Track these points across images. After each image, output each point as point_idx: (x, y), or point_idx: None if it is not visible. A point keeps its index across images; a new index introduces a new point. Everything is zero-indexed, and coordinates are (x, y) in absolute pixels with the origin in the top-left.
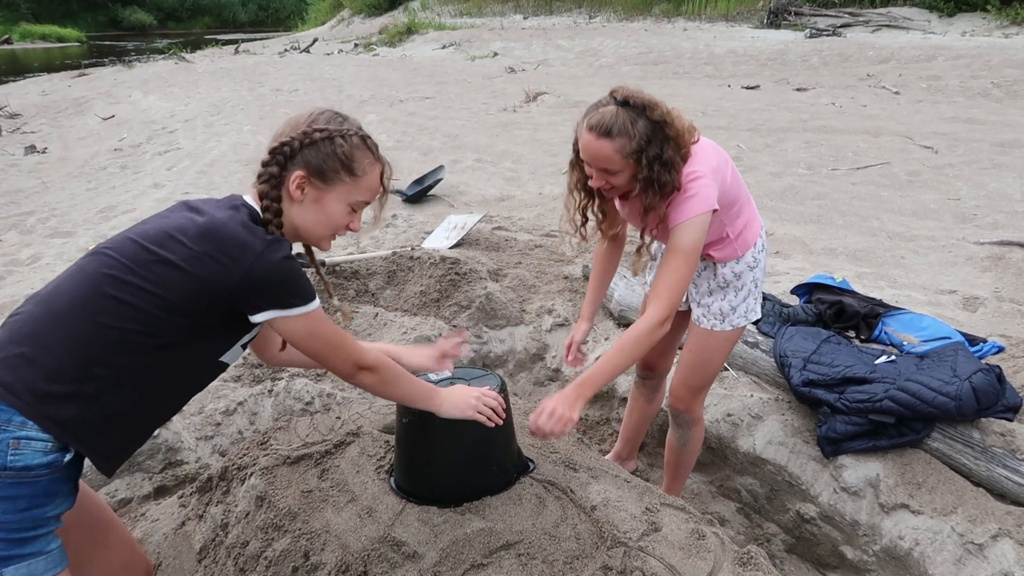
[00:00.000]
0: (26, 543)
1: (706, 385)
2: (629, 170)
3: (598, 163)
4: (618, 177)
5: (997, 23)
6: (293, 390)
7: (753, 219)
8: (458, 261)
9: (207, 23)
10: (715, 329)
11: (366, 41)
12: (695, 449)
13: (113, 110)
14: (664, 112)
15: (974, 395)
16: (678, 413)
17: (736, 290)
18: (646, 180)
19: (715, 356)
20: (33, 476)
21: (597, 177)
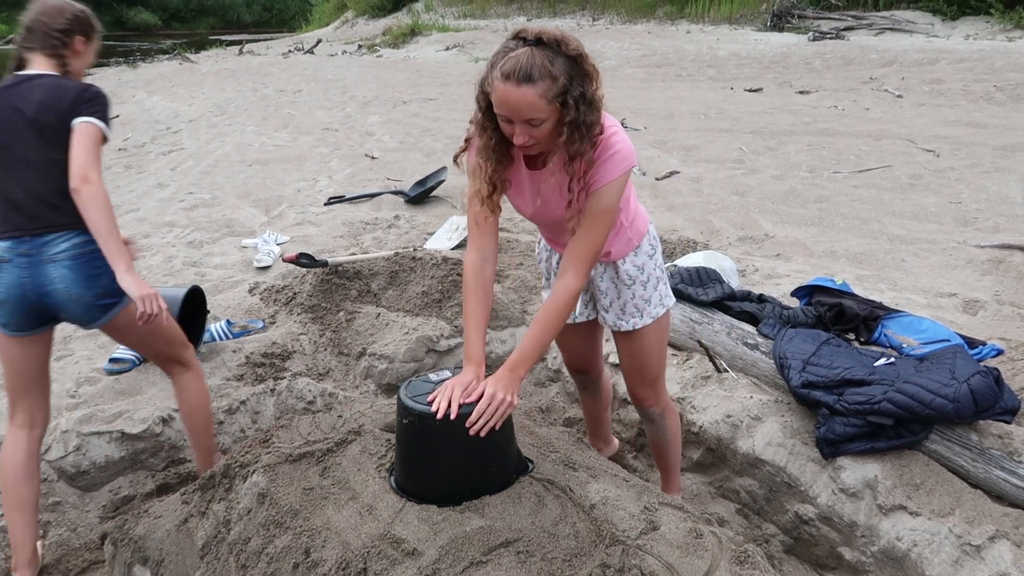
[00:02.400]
0: None
1: (659, 376)
2: (554, 116)
3: (521, 114)
4: (543, 127)
5: (1000, 27)
6: (295, 389)
7: (638, 206)
8: (460, 262)
9: (211, 24)
10: (637, 328)
11: (370, 42)
12: (676, 437)
13: (117, 110)
14: (578, 45)
15: (972, 397)
16: (646, 410)
17: (643, 283)
18: (573, 123)
19: (650, 351)
20: None
21: (520, 132)
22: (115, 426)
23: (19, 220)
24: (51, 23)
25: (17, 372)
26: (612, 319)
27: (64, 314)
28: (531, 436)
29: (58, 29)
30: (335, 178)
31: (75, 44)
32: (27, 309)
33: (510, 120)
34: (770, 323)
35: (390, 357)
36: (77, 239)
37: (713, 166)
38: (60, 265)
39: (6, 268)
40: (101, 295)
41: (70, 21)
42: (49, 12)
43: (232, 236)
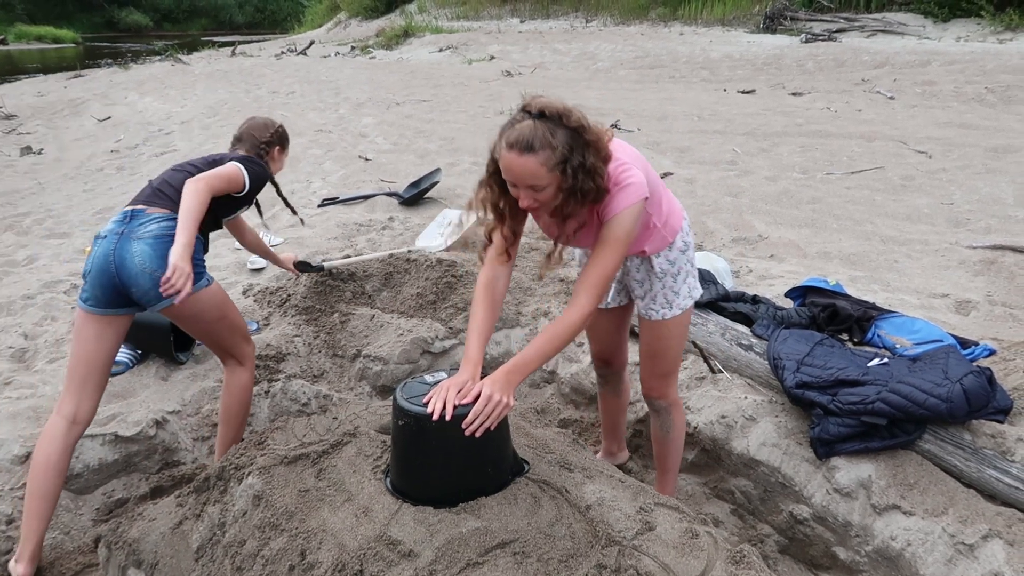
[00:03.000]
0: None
1: (674, 370)
2: (555, 183)
3: (524, 181)
4: (545, 192)
5: (991, 28)
6: (290, 391)
7: (672, 203)
8: (454, 263)
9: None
10: (665, 318)
11: (363, 44)
12: (679, 435)
13: (109, 111)
14: (579, 117)
15: (965, 397)
16: (653, 400)
17: (674, 276)
18: (569, 190)
19: (672, 342)
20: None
21: (524, 196)
22: (108, 428)
23: (146, 194)
24: (259, 136)
25: (85, 358)
26: (642, 307)
27: (135, 289)
28: (527, 437)
29: (263, 141)
30: (329, 180)
31: (273, 153)
32: (106, 281)
33: (515, 185)
34: (764, 324)
35: (385, 359)
36: (165, 223)
37: (706, 167)
38: (143, 242)
39: (101, 243)
40: None
41: (272, 135)
42: (257, 128)
43: (225, 237)
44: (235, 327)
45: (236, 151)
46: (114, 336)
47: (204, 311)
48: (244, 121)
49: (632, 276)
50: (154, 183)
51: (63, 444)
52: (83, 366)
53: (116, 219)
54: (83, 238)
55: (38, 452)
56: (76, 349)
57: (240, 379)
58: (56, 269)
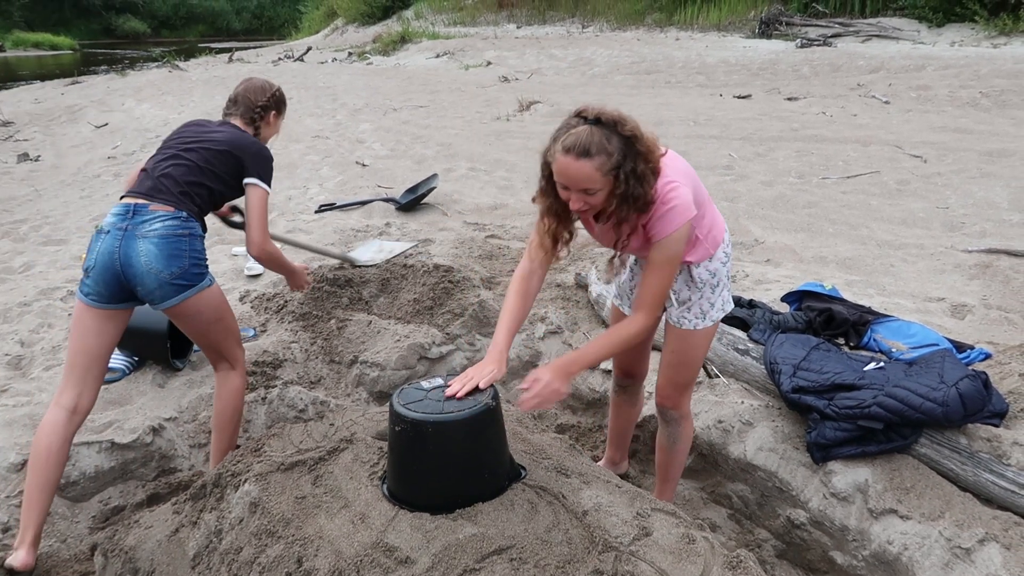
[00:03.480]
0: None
1: (691, 382)
2: (608, 187)
3: (578, 184)
4: (597, 196)
5: (986, 33)
6: (287, 398)
7: (716, 216)
8: (451, 269)
9: (201, 31)
10: (697, 328)
11: (360, 50)
12: (684, 448)
13: (106, 118)
14: (634, 127)
15: (960, 401)
16: (666, 410)
17: (712, 287)
18: (622, 196)
19: (697, 353)
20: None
21: (575, 199)
22: (105, 436)
23: (147, 187)
24: (255, 99)
25: (84, 349)
26: (676, 315)
27: (140, 288)
28: (523, 443)
29: (260, 105)
30: (326, 185)
31: (269, 117)
32: (110, 278)
33: (567, 188)
34: (760, 328)
35: (382, 365)
36: (171, 222)
37: (703, 172)
38: (148, 241)
39: (104, 238)
40: (177, 275)
41: (269, 99)
42: (254, 90)
43: (222, 244)
44: (230, 330)
45: (230, 115)
46: (115, 330)
47: (204, 311)
48: (241, 82)
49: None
50: (154, 173)
51: (64, 434)
52: (84, 358)
53: (117, 212)
54: (80, 245)
55: (37, 443)
56: (77, 342)
57: (232, 383)
58: (53, 276)
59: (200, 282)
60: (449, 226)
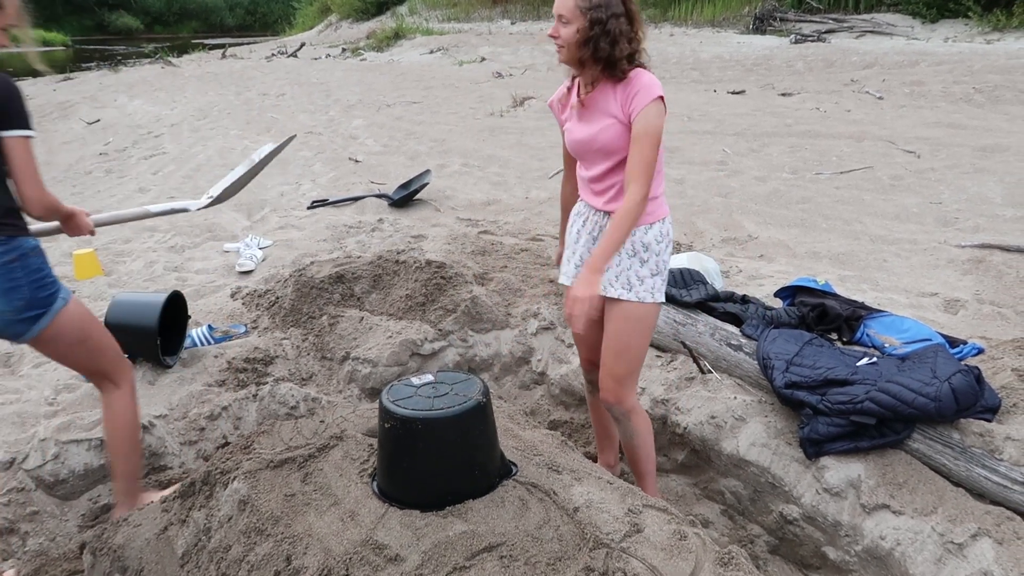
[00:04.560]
0: None
1: (632, 372)
2: (578, 23)
3: (557, 8)
4: (568, 28)
5: (979, 29)
6: (278, 394)
7: (664, 199)
8: (444, 265)
9: (194, 27)
10: (622, 298)
11: (354, 46)
12: (645, 441)
13: (99, 114)
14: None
15: (953, 396)
16: (611, 407)
17: (643, 262)
18: (585, 36)
19: (634, 338)
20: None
21: (554, 25)
22: (94, 433)
23: None
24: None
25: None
26: (604, 283)
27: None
28: (515, 440)
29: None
30: (318, 181)
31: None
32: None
33: (554, 17)
34: (753, 324)
35: (373, 361)
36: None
37: (696, 168)
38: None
39: None
40: (22, 308)
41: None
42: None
43: (214, 241)
44: (102, 346)
45: None
46: None
47: (64, 334)
48: None
49: None
50: None
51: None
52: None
53: None
54: (70, 242)
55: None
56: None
57: (119, 403)
58: None
59: (52, 305)
60: (442, 222)
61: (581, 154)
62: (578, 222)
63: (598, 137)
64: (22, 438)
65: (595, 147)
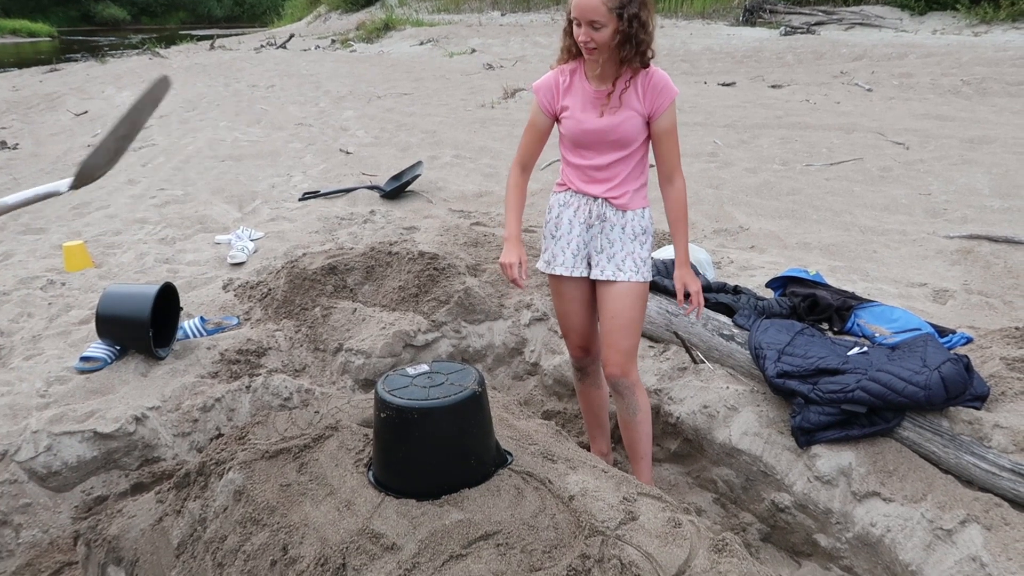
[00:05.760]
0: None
1: (634, 347)
2: (612, 24)
3: (586, 16)
4: (602, 32)
5: (967, 22)
6: (271, 386)
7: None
8: (436, 256)
9: (182, 18)
10: (632, 280)
11: (343, 37)
12: (646, 418)
13: (86, 106)
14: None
15: (943, 384)
16: (616, 380)
17: (642, 244)
18: (624, 34)
19: (635, 314)
20: None
21: (585, 32)
22: (87, 425)
23: None
24: None
25: None
26: (611, 270)
27: None
28: (510, 429)
29: None
30: (309, 173)
31: None
32: None
33: (580, 24)
34: (745, 314)
35: (367, 352)
36: None
37: (687, 159)
38: None
39: None
40: None
41: None
42: None
43: (205, 232)
44: None
45: None
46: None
47: None
48: None
49: (605, 235)
50: None
51: None
52: None
53: None
54: (60, 234)
55: None
56: None
57: None
58: (32, 265)
59: None
60: (434, 213)
61: (590, 143)
62: (567, 212)
63: (620, 127)
64: (14, 430)
65: (613, 137)
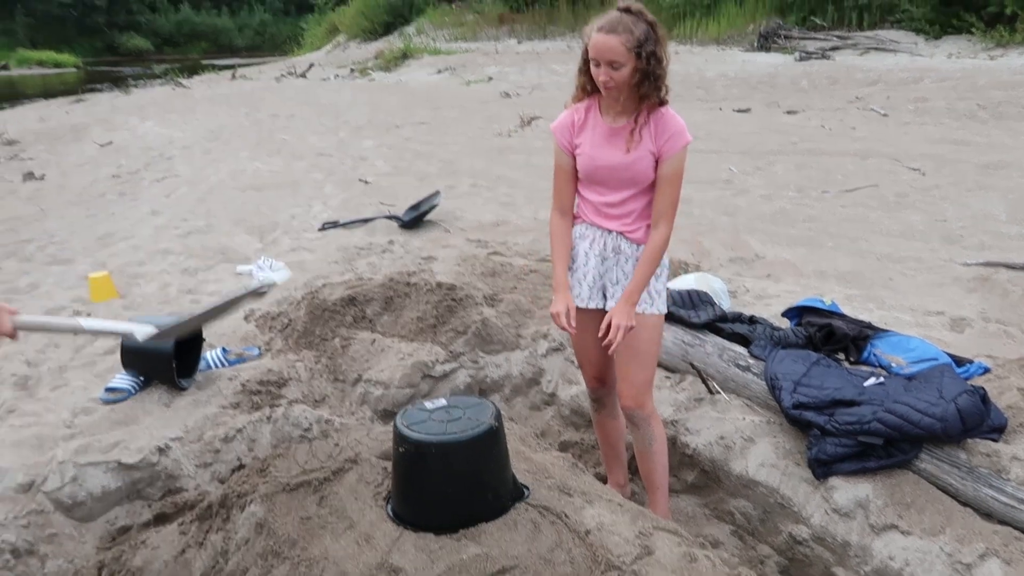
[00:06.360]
0: None
1: (651, 377)
2: (631, 63)
3: (605, 56)
4: (621, 71)
5: (982, 45)
6: (291, 416)
7: None
8: (454, 287)
9: (204, 48)
10: (647, 312)
11: (362, 66)
12: (662, 448)
13: (110, 136)
14: (653, 17)
15: (959, 416)
16: (632, 412)
17: (656, 276)
18: (643, 72)
19: (651, 346)
20: None
21: (604, 72)
22: (112, 456)
23: None
24: None
25: None
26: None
27: None
28: (526, 462)
29: None
30: (329, 203)
31: None
32: None
33: (599, 64)
34: (761, 344)
35: (386, 383)
36: None
37: (703, 187)
38: None
39: None
40: None
41: None
42: None
43: (227, 263)
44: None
45: None
46: None
47: None
48: None
49: (620, 267)
50: None
51: None
52: None
53: None
54: (85, 264)
55: None
56: None
57: None
58: (58, 296)
59: None
60: (452, 243)
61: (604, 179)
62: (583, 244)
63: (633, 165)
64: (41, 461)
65: (627, 174)
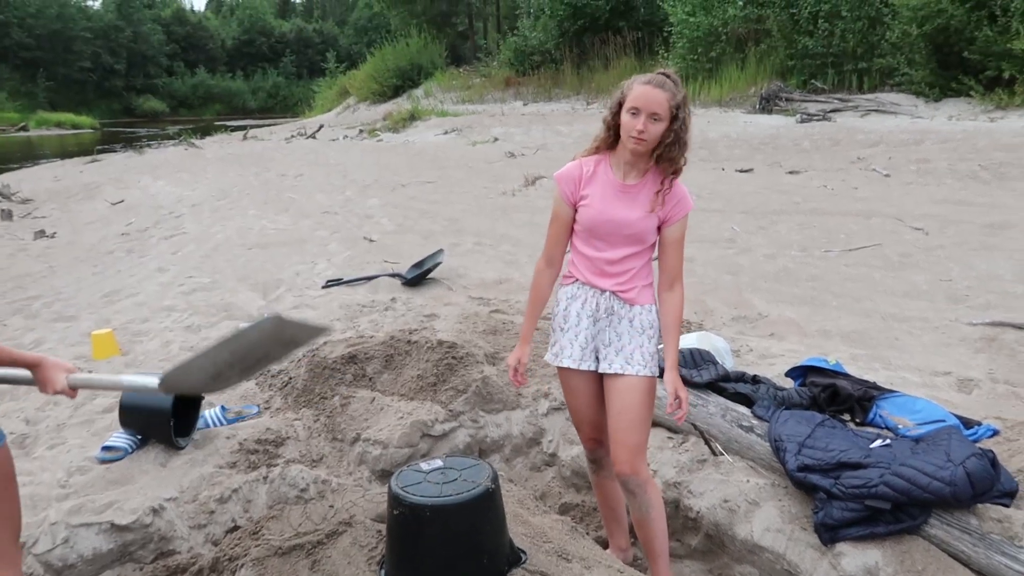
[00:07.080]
0: None
1: (645, 442)
2: (667, 122)
3: (650, 107)
4: (657, 126)
5: (982, 108)
6: (288, 477)
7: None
8: (455, 345)
9: (218, 110)
10: (640, 374)
11: (370, 127)
12: (660, 515)
13: (122, 195)
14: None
15: (969, 480)
16: (627, 479)
17: (649, 338)
18: (676, 133)
19: (644, 411)
20: None
21: (643, 122)
22: (105, 517)
23: None
24: None
25: None
26: (620, 363)
27: None
28: (524, 525)
29: None
30: (333, 261)
31: None
32: None
33: (637, 113)
34: (765, 405)
35: (384, 443)
36: None
37: (706, 246)
38: None
39: None
40: None
41: None
42: None
43: (230, 320)
44: (7, 514)
45: None
46: None
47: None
48: None
49: (613, 329)
50: None
51: None
52: None
53: None
54: (89, 321)
55: None
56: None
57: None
58: (61, 352)
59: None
60: (454, 301)
61: (606, 234)
62: (575, 304)
63: (638, 224)
64: (32, 522)
65: (630, 231)
